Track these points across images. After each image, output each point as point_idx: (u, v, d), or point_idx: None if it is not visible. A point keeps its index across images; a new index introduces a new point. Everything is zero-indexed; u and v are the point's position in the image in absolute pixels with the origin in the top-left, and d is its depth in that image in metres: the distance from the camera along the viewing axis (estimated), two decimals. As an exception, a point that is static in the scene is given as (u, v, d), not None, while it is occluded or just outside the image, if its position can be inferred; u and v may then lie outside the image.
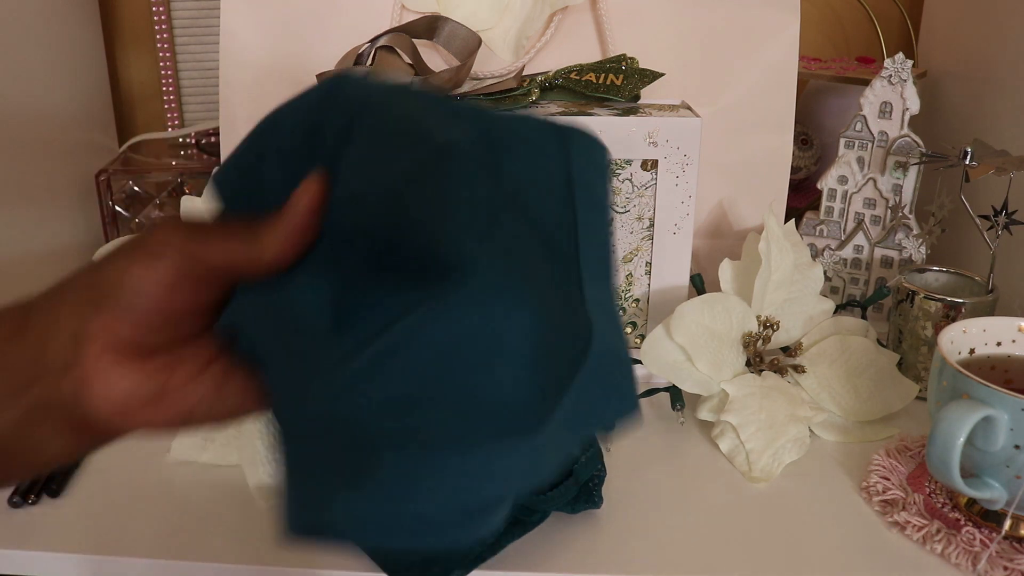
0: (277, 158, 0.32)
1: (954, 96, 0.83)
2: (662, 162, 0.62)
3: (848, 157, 0.73)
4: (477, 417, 0.27)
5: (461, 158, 0.28)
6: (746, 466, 0.55)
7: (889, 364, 0.62)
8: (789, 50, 0.73)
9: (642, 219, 0.64)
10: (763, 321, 0.62)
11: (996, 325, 0.53)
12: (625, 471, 0.55)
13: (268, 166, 0.32)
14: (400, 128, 0.29)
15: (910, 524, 0.49)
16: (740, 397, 0.58)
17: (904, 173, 0.71)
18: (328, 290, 0.29)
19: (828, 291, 0.75)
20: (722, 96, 0.73)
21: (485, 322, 0.27)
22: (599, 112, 0.63)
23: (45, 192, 0.80)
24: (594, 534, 0.49)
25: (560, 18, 0.73)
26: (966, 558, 0.47)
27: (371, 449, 0.27)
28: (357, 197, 0.29)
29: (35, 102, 0.78)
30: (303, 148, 0.31)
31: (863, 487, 0.54)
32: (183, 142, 0.91)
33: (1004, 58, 0.74)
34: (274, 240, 0.30)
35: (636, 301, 0.66)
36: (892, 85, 0.70)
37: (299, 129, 0.31)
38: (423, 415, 0.27)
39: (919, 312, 0.63)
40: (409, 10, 0.72)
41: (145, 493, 0.53)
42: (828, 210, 0.74)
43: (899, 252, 0.72)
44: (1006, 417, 0.45)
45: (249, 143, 0.32)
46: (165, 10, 0.91)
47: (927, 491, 0.52)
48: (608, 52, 0.72)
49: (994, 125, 0.75)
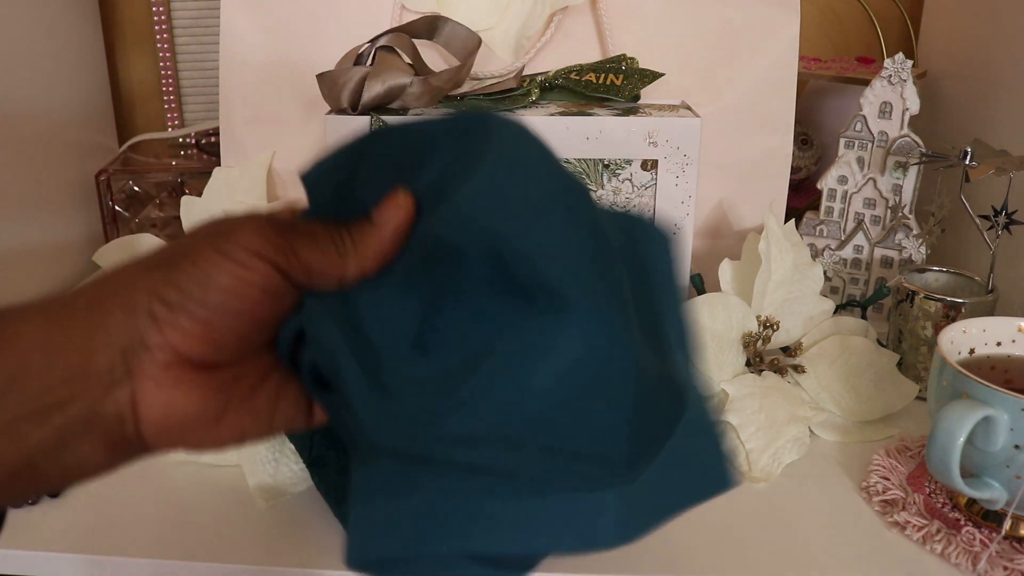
0: (375, 170, 0.30)
1: (954, 96, 0.83)
2: (662, 162, 0.62)
3: (848, 157, 0.73)
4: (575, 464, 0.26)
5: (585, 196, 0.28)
6: (746, 466, 0.55)
7: (889, 364, 0.62)
8: (789, 50, 0.73)
9: (642, 219, 0.64)
10: (763, 321, 0.62)
11: (996, 325, 0.53)
12: (625, 471, 0.55)
13: (363, 175, 0.30)
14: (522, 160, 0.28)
15: (910, 524, 0.49)
16: (740, 397, 0.58)
17: (904, 173, 0.71)
18: (410, 307, 0.28)
19: (828, 291, 0.75)
20: (722, 96, 0.73)
21: (590, 352, 0.26)
22: (599, 112, 0.63)
23: (45, 192, 0.80)
24: (594, 534, 0.49)
25: (560, 18, 0.73)
26: (966, 558, 0.47)
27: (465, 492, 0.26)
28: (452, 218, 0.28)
29: (35, 102, 0.78)
30: (404, 168, 0.30)
31: (863, 487, 0.54)
32: (183, 142, 0.91)
33: (1004, 58, 0.74)
34: (365, 253, 0.29)
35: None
36: (892, 85, 0.70)
37: (409, 148, 0.30)
38: (521, 457, 0.26)
39: (919, 312, 0.63)
40: (409, 10, 0.72)
41: (145, 493, 0.53)
42: (828, 210, 0.74)
43: (899, 252, 0.72)
44: (1006, 417, 0.45)
45: (352, 149, 0.31)
46: (165, 10, 0.91)
47: (927, 491, 0.52)
48: (608, 52, 0.73)
49: (994, 125, 0.75)
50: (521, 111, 0.63)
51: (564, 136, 0.61)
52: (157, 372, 0.27)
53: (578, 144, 0.62)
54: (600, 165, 0.62)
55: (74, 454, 0.27)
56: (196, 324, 0.27)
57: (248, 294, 0.28)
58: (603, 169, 0.63)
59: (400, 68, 0.63)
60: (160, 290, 0.27)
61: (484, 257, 0.26)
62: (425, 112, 0.63)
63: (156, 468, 0.55)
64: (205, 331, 0.27)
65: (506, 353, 0.26)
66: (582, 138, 0.61)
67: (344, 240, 0.29)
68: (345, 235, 0.29)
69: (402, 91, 0.62)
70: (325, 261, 0.29)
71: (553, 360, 0.25)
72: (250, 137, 0.76)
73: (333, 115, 0.63)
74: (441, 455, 0.26)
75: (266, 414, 0.30)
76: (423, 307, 0.28)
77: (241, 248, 0.28)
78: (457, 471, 0.26)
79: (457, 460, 0.26)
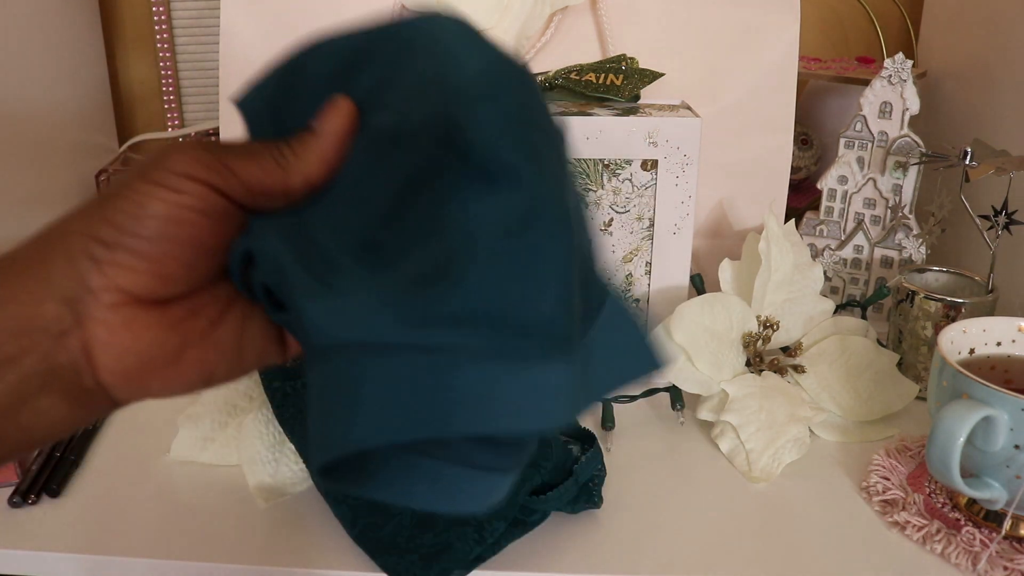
0: (312, 85, 0.30)
1: (954, 96, 0.83)
2: (662, 162, 0.62)
3: (848, 157, 0.73)
4: (531, 334, 0.26)
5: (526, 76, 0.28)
6: (746, 466, 0.55)
7: (889, 364, 0.62)
8: (789, 50, 0.73)
9: (642, 219, 0.64)
10: (763, 321, 0.62)
11: (996, 325, 0.53)
12: (625, 471, 0.55)
13: (300, 92, 0.30)
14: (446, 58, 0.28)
15: (910, 524, 0.49)
16: (740, 397, 0.58)
17: (904, 173, 0.71)
18: (360, 209, 0.28)
19: (828, 291, 0.75)
20: (722, 96, 0.73)
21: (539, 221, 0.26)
22: (599, 112, 0.63)
23: (45, 192, 0.80)
24: (594, 534, 0.49)
25: (560, 18, 0.73)
26: (966, 558, 0.47)
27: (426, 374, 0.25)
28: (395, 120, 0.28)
29: (35, 102, 0.78)
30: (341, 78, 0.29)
31: (863, 487, 0.54)
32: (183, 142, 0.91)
33: (1004, 58, 0.74)
34: (308, 160, 0.28)
35: (636, 301, 0.66)
36: (892, 85, 0.70)
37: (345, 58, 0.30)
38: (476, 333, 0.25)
39: (919, 312, 0.63)
40: (409, 10, 0.72)
41: (145, 493, 0.53)
42: (828, 210, 0.74)
43: (899, 252, 0.72)
44: (1006, 417, 0.45)
45: (286, 67, 0.30)
46: (165, 10, 0.91)
47: (927, 491, 0.52)
48: (608, 52, 0.73)
49: (994, 125, 0.75)
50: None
51: (564, 136, 0.61)
52: (106, 315, 0.26)
53: (578, 144, 0.62)
54: (600, 165, 0.62)
55: (33, 411, 0.26)
56: (136, 258, 0.26)
57: (185, 218, 0.27)
58: (603, 169, 0.63)
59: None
60: (95, 230, 0.26)
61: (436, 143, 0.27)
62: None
63: (156, 468, 0.55)
64: (147, 264, 0.26)
65: (460, 227, 0.26)
66: (582, 138, 0.61)
67: (284, 151, 0.28)
68: (284, 147, 0.29)
69: (402, 91, 0.62)
70: (265, 174, 0.28)
71: (506, 230, 0.26)
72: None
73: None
74: (397, 339, 0.26)
75: (232, 347, 0.29)
76: (373, 208, 0.28)
77: (171, 173, 0.27)
78: (416, 354, 0.26)
79: (415, 342, 0.25)
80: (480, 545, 0.46)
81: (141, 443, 0.57)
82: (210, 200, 0.27)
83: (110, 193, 0.27)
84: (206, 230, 0.27)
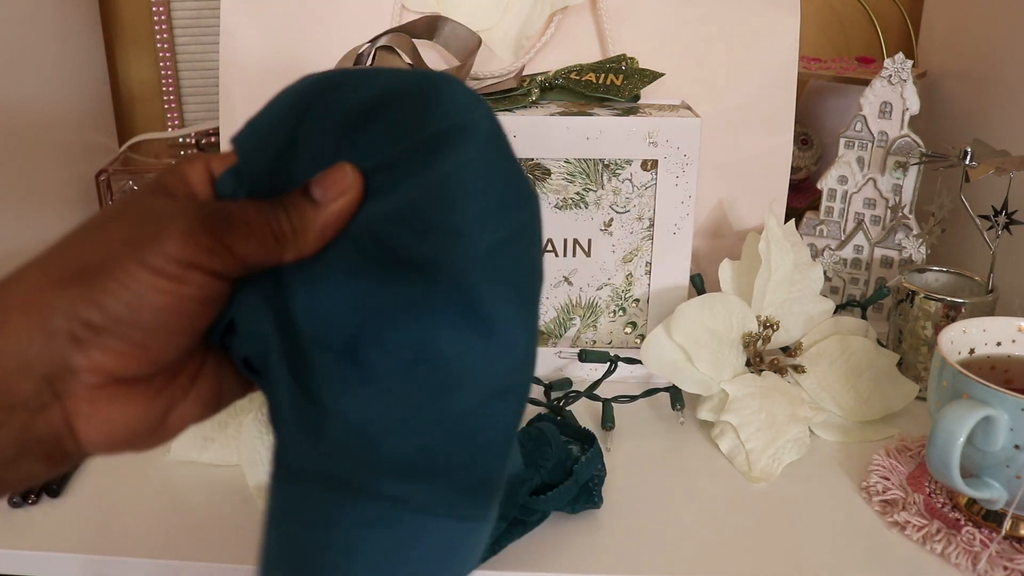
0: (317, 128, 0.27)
1: (954, 96, 0.83)
2: (662, 162, 0.62)
3: (848, 157, 0.73)
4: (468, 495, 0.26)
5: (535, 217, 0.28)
6: (746, 466, 0.55)
7: (889, 364, 0.62)
8: (789, 50, 0.73)
9: (642, 219, 0.64)
10: (763, 321, 0.62)
11: (996, 325, 0.53)
12: (625, 471, 0.55)
13: (304, 134, 0.28)
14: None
15: (910, 524, 0.49)
16: (740, 397, 0.58)
17: (904, 173, 0.71)
18: (345, 302, 0.26)
19: (828, 291, 0.75)
20: (722, 96, 0.73)
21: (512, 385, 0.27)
22: (599, 112, 0.63)
23: (45, 192, 0.80)
24: (594, 534, 0.49)
25: (560, 18, 0.73)
26: (966, 558, 0.47)
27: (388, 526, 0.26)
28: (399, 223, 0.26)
29: (35, 102, 0.78)
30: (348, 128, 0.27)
31: (863, 487, 0.54)
32: (183, 142, 0.91)
33: (1004, 58, 0.74)
34: (305, 237, 0.26)
35: (636, 301, 0.66)
36: (892, 85, 0.70)
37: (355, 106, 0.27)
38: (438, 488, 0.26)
39: (919, 312, 0.63)
40: (409, 10, 0.72)
41: (145, 493, 0.53)
42: (828, 210, 0.74)
43: (899, 252, 0.72)
44: (1006, 417, 0.45)
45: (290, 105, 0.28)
46: (165, 10, 0.91)
47: (927, 491, 0.52)
48: (608, 52, 0.72)
49: (994, 125, 0.75)
50: (521, 111, 0.63)
51: (564, 136, 0.61)
52: (88, 393, 0.25)
53: (578, 144, 0.62)
54: (600, 165, 0.62)
55: (15, 471, 0.25)
56: (128, 345, 0.24)
57: (186, 308, 0.25)
58: (603, 169, 0.63)
59: (400, 68, 0.63)
60: (80, 312, 0.24)
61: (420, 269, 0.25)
62: None
63: (156, 468, 0.55)
64: (138, 351, 0.25)
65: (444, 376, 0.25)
66: (582, 138, 0.61)
67: (281, 223, 0.26)
68: (283, 217, 0.26)
69: (402, 91, 0.62)
70: (262, 251, 0.26)
71: (486, 386, 0.26)
72: (250, 137, 0.76)
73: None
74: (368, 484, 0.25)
75: (212, 397, 0.28)
76: (359, 306, 0.26)
77: (172, 261, 0.24)
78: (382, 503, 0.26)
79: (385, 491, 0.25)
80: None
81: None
82: (209, 287, 0.26)
83: (94, 266, 0.24)
84: (201, 315, 0.26)
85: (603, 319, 0.67)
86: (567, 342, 0.67)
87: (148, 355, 0.25)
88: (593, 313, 0.66)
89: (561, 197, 0.63)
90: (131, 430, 0.26)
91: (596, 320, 0.67)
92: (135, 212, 0.25)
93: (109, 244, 0.25)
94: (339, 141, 0.27)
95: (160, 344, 0.25)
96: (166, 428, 0.27)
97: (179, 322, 0.25)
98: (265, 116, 0.28)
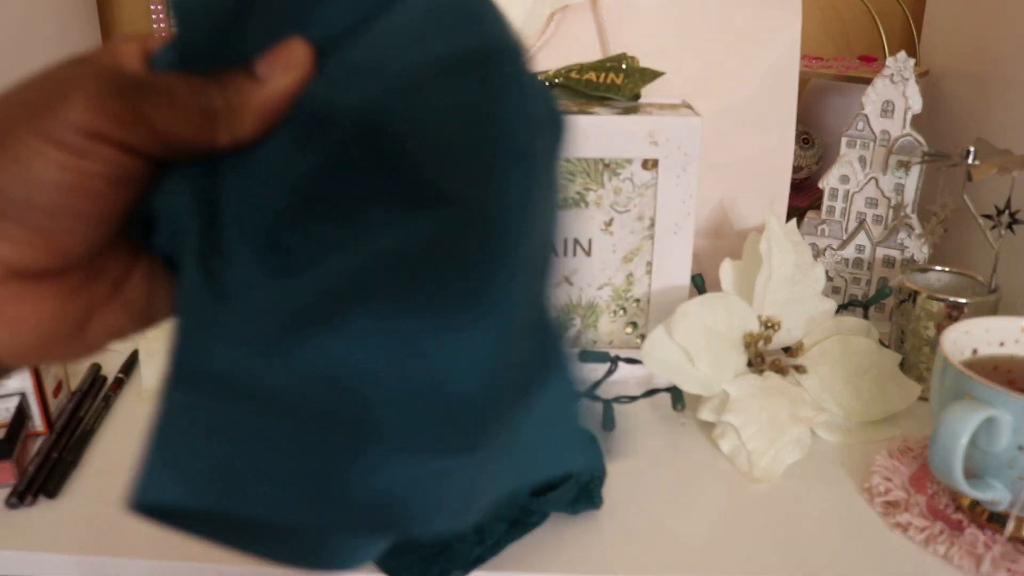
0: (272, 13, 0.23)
1: (956, 95, 0.82)
2: (663, 161, 0.62)
3: (850, 156, 0.72)
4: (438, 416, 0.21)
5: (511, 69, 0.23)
6: (747, 466, 0.55)
7: (891, 364, 0.62)
8: (791, 49, 0.72)
9: (643, 219, 0.64)
10: (764, 321, 0.62)
11: (999, 325, 0.53)
12: (626, 471, 0.55)
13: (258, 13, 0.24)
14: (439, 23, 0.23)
15: (912, 526, 0.49)
16: (741, 397, 0.58)
17: (906, 172, 0.71)
18: (279, 188, 0.23)
19: (830, 291, 0.75)
20: (723, 95, 0.73)
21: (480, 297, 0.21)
22: (599, 111, 0.63)
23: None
24: (594, 534, 0.49)
25: (560, 17, 0.72)
26: (969, 560, 0.46)
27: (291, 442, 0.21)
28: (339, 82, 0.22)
29: (34, 102, 0.78)
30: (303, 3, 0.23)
31: (865, 488, 0.53)
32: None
33: (1007, 57, 0.74)
34: (242, 117, 0.23)
35: (637, 301, 0.66)
36: (894, 84, 0.69)
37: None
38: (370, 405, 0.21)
39: (921, 312, 0.62)
40: None
41: (143, 494, 0.52)
42: (830, 209, 0.74)
43: (901, 252, 0.72)
44: (1009, 418, 0.44)
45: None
46: (164, 11, 0.91)
47: (929, 492, 0.52)
48: (608, 51, 0.72)
49: (997, 124, 0.75)
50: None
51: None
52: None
53: (578, 143, 0.61)
54: (600, 164, 0.62)
55: None
56: (26, 231, 0.21)
57: (90, 188, 0.21)
58: (604, 168, 0.62)
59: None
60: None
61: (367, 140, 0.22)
62: None
63: (154, 469, 0.55)
64: (40, 239, 0.21)
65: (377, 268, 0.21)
66: (583, 137, 0.61)
67: (214, 99, 0.22)
68: (215, 92, 0.23)
69: (401, 90, 0.62)
70: (188, 128, 0.22)
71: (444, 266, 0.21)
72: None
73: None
74: (276, 390, 0.21)
75: (142, 306, 0.25)
76: (293, 194, 0.22)
77: (73, 129, 0.21)
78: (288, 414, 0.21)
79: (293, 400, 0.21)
80: (480, 546, 0.46)
81: (138, 444, 0.57)
82: (121, 164, 0.22)
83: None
84: (112, 198, 0.22)
85: (604, 319, 0.66)
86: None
87: (51, 243, 0.22)
88: (593, 313, 0.66)
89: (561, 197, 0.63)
90: (43, 333, 0.23)
91: (596, 320, 0.66)
92: (40, 79, 0.22)
93: (4, 113, 0.22)
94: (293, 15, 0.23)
95: (65, 232, 0.22)
96: (87, 336, 0.24)
97: (85, 205, 0.22)
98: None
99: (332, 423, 0.21)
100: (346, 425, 0.21)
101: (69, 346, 0.24)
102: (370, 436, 0.21)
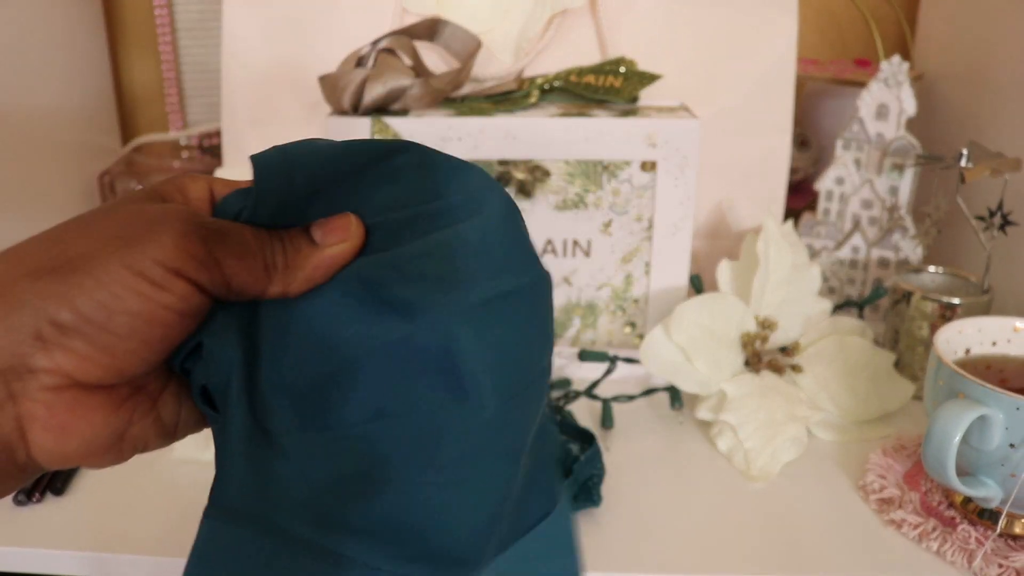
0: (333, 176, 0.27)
1: (950, 98, 0.83)
2: (661, 163, 0.63)
3: (845, 159, 0.73)
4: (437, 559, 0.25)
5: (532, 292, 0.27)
6: (744, 465, 0.56)
7: (886, 364, 0.63)
8: (787, 52, 0.73)
9: (641, 220, 0.64)
10: (761, 321, 0.62)
11: (991, 325, 0.53)
12: (624, 470, 0.55)
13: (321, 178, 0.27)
14: None
15: (906, 522, 0.50)
16: (738, 397, 0.59)
17: (900, 174, 0.72)
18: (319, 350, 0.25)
19: (825, 291, 0.75)
20: (721, 98, 0.73)
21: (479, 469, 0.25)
22: (598, 114, 0.64)
23: (48, 193, 0.80)
24: (593, 533, 0.50)
25: (559, 21, 0.73)
26: (962, 556, 0.47)
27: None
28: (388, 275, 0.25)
29: (38, 103, 0.79)
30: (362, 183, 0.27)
31: (860, 486, 0.54)
32: (186, 144, 0.92)
33: (1000, 60, 0.75)
34: (294, 276, 0.25)
35: (635, 301, 0.67)
36: (889, 87, 0.70)
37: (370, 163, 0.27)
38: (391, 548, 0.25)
39: (915, 312, 0.63)
40: (410, 12, 0.73)
41: (149, 491, 0.53)
42: (825, 211, 0.75)
43: (896, 253, 0.73)
44: (1001, 416, 0.45)
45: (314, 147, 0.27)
46: (168, 12, 0.91)
47: (923, 490, 0.53)
48: (607, 54, 0.73)
49: (990, 127, 0.76)
50: (521, 113, 0.64)
51: (564, 137, 0.62)
52: (46, 395, 0.23)
53: (577, 145, 0.62)
54: (599, 166, 0.63)
55: None
56: (95, 351, 0.23)
57: (161, 318, 0.23)
58: (602, 170, 0.63)
59: (401, 70, 0.64)
60: (51, 309, 0.22)
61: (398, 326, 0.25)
62: (425, 114, 0.63)
63: (160, 467, 0.55)
64: (107, 358, 0.23)
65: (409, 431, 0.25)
66: (581, 140, 0.62)
67: (276, 256, 0.25)
68: (279, 251, 0.25)
69: (403, 93, 0.63)
70: (250, 277, 0.25)
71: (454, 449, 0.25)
72: (252, 139, 0.76)
73: (335, 117, 0.63)
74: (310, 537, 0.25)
75: (169, 423, 0.27)
76: (337, 359, 0.25)
77: (158, 264, 0.23)
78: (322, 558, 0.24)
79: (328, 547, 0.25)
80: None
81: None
82: (191, 299, 0.24)
83: (75, 260, 0.23)
84: (177, 328, 0.24)
85: (602, 319, 0.67)
86: (566, 342, 0.67)
87: (114, 362, 0.23)
88: (592, 313, 0.67)
89: (561, 198, 0.64)
90: (87, 441, 0.24)
91: (595, 320, 0.67)
92: (125, 212, 0.24)
93: (92, 241, 0.23)
94: (351, 196, 0.27)
95: (128, 353, 0.23)
96: (122, 446, 0.25)
97: (152, 332, 0.24)
98: (299, 149, 0.27)
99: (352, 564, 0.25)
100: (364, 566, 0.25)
101: (105, 455, 0.25)
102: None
